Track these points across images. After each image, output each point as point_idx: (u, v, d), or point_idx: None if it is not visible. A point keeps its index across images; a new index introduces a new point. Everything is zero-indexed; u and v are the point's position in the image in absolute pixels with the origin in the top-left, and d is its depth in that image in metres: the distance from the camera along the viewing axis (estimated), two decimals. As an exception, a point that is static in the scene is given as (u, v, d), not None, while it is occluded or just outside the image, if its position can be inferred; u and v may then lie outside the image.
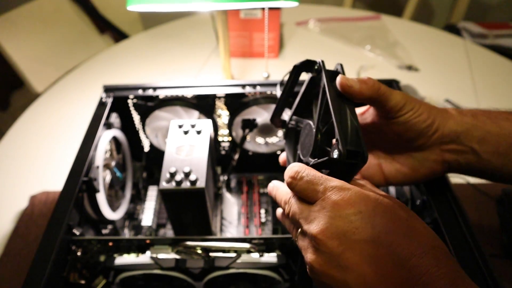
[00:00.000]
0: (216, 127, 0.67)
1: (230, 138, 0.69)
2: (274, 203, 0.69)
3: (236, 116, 0.64)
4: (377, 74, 1.05)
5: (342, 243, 0.29)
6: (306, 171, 0.34)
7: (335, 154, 0.33)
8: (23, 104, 1.07)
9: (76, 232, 0.48)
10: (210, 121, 0.57)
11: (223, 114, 0.65)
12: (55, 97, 1.02)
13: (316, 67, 0.43)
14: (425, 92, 0.95)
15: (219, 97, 0.62)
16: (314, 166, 0.35)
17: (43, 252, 0.43)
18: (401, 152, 0.44)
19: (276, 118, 0.53)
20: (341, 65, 0.43)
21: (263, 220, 0.66)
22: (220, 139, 0.69)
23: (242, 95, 0.62)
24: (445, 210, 0.47)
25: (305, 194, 0.33)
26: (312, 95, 0.46)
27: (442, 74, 1.05)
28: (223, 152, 0.72)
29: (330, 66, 0.43)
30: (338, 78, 0.40)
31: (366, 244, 0.28)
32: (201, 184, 0.48)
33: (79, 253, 0.49)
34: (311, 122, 0.41)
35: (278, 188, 0.39)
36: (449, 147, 0.42)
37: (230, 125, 0.66)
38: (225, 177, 0.71)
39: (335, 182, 0.32)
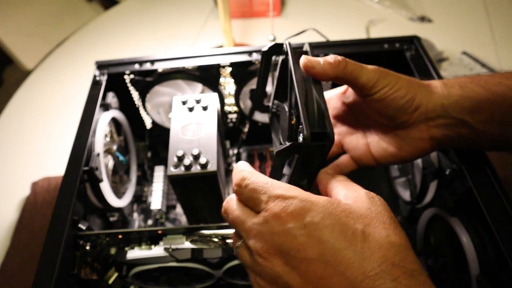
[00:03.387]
0: (222, 99, 0.62)
1: (237, 109, 0.64)
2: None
3: (244, 86, 0.59)
4: (388, 28, 0.97)
5: (287, 262, 0.26)
6: (252, 178, 0.30)
7: (300, 138, 0.31)
8: (16, 81, 1.01)
9: (82, 226, 0.44)
10: (216, 94, 0.52)
11: (228, 84, 0.60)
12: (47, 74, 0.97)
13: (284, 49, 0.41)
14: (440, 45, 0.89)
15: (224, 67, 0.57)
16: (282, 152, 0.34)
17: (49, 252, 0.40)
18: (387, 131, 0.42)
19: (259, 105, 0.51)
20: (309, 44, 0.41)
21: (278, 195, 0.63)
22: (226, 110, 0.64)
23: (249, 63, 0.56)
24: (480, 179, 0.43)
25: (250, 203, 0.30)
26: (287, 78, 0.44)
27: (458, 24, 0.98)
28: (230, 125, 0.67)
29: (333, 25, 0.38)
30: (301, 60, 0.37)
31: (312, 263, 0.25)
32: (212, 167, 0.44)
33: (87, 248, 0.45)
34: (285, 106, 0.40)
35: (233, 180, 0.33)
36: (436, 122, 0.39)
37: (237, 96, 0.61)
38: (235, 151, 0.67)
39: (279, 190, 0.28)
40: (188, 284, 0.50)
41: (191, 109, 0.50)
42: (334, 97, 0.45)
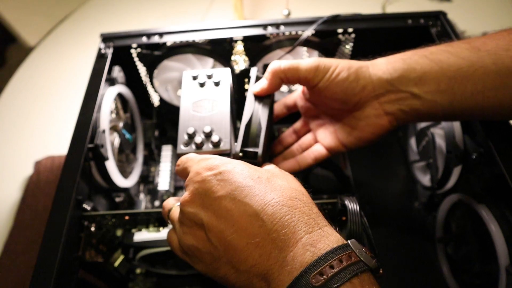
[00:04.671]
0: (234, 76, 0.58)
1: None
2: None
3: (257, 62, 0.55)
4: (405, 6, 0.93)
5: (203, 204, 0.30)
6: (185, 157, 0.36)
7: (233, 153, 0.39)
8: (20, 60, 0.98)
9: (87, 206, 0.42)
10: (228, 69, 0.49)
11: (241, 60, 0.57)
12: (50, 50, 0.94)
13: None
14: (459, 26, 0.84)
15: (237, 41, 0.53)
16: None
17: (52, 233, 0.38)
18: (347, 116, 0.44)
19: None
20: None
21: (290, 178, 0.60)
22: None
23: (263, 37, 0.53)
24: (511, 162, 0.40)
25: (184, 174, 0.35)
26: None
27: (478, 4, 0.93)
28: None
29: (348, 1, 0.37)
30: (250, 89, 0.44)
31: (223, 199, 0.29)
32: (225, 145, 0.41)
33: (92, 229, 0.43)
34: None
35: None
36: (387, 97, 0.41)
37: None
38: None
39: (202, 156, 0.34)
40: (197, 269, 0.48)
41: (202, 85, 0.47)
42: (298, 98, 0.50)
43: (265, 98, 0.44)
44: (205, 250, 0.30)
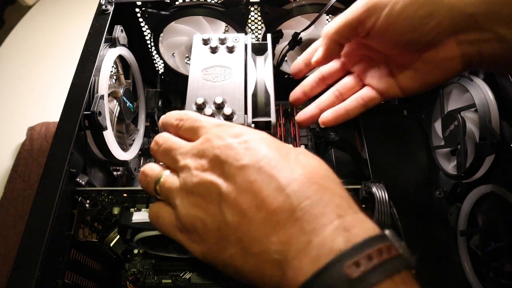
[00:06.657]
0: (247, 44, 0.53)
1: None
2: (315, 138, 0.58)
3: (274, 30, 0.50)
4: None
5: (223, 173, 0.26)
6: (194, 114, 0.31)
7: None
8: (18, 22, 0.92)
9: (81, 181, 0.38)
10: (243, 35, 0.43)
11: (257, 25, 0.51)
12: (47, 9, 0.88)
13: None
14: None
15: (254, 4, 0.48)
16: None
17: (41, 208, 0.34)
18: (412, 57, 0.35)
19: None
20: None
21: (303, 158, 0.56)
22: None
23: (283, 0, 0.48)
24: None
25: (189, 133, 0.30)
26: None
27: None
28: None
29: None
30: (249, 56, 0.41)
31: (246, 169, 0.25)
32: (239, 119, 0.37)
33: (87, 205, 0.39)
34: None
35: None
36: (465, 36, 0.32)
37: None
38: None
39: (220, 121, 0.30)
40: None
41: (214, 50, 0.42)
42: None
43: (266, 62, 0.40)
44: (214, 225, 0.26)
